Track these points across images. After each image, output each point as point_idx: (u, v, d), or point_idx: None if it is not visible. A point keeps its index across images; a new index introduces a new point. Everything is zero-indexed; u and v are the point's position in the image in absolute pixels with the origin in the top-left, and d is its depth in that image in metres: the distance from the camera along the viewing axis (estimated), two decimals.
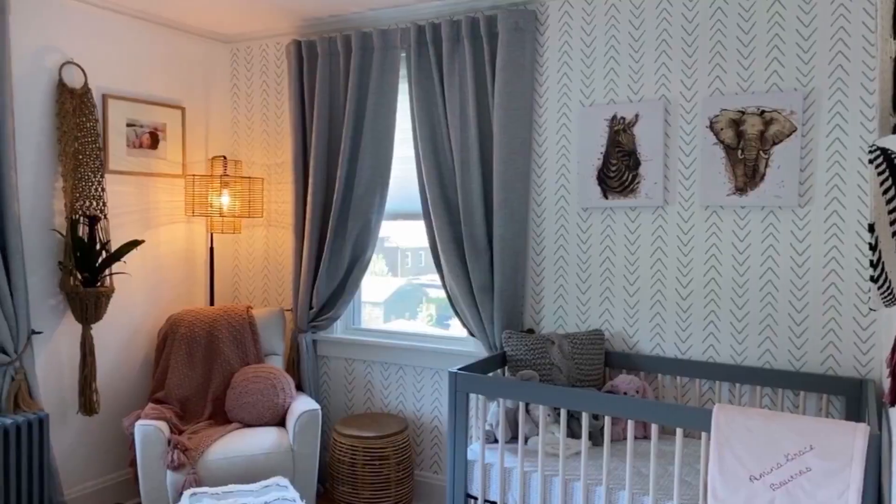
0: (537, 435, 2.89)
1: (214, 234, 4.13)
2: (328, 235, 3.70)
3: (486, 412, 2.94)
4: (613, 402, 2.43)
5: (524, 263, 3.36)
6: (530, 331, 3.33)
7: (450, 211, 3.43)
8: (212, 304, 3.98)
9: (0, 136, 2.93)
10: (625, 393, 2.93)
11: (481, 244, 3.34)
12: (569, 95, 3.25)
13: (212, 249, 3.98)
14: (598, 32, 3.17)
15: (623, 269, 3.16)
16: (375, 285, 4.09)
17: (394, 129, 3.61)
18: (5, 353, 2.97)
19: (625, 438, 2.96)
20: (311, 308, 3.81)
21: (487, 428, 2.97)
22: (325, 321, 3.81)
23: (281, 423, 3.44)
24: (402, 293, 4.09)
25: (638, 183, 3.08)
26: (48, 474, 3.03)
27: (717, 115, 2.90)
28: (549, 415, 2.91)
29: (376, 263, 3.76)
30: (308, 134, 3.80)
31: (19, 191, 3.11)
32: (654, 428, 2.37)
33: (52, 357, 3.32)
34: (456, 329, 3.79)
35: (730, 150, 2.88)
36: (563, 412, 2.58)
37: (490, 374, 3.04)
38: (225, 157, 3.98)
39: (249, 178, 3.88)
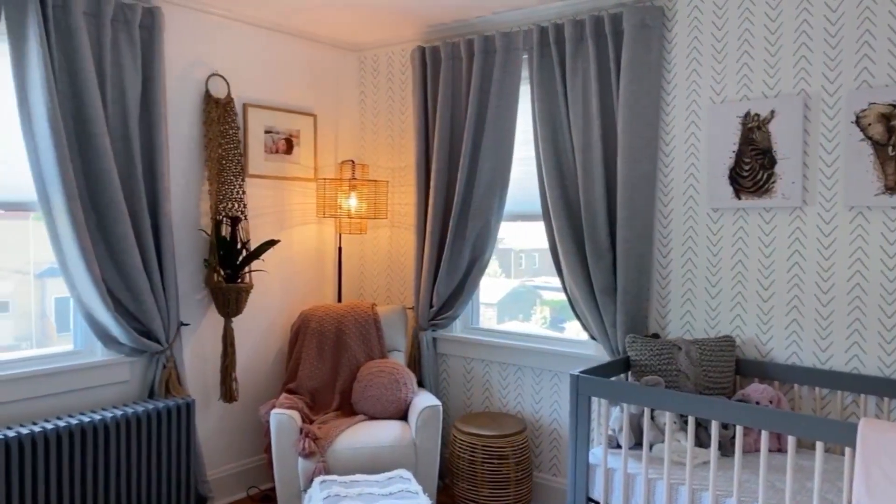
0: (662, 442, 2.81)
1: (342, 235, 4.32)
2: (448, 236, 3.78)
3: (609, 417, 2.89)
4: (747, 412, 2.32)
5: (649, 266, 3.28)
6: (655, 335, 3.24)
7: (571, 212, 3.41)
8: (339, 300, 4.17)
9: (155, 143, 3.22)
10: (757, 403, 2.80)
11: (603, 245, 3.29)
12: (698, 92, 3.14)
13: (340, 249, 4.17)
14: (730, 26, 3.04)
15: (756, 272, 3.01)
16: (489, 286, 4.12)
17: (514, 131, 3.63)
18: (158, 342, 3.25)
19: (756, 450, 2.82)
20: (431, 307, 3.90)
21: (610, 433, 2.92)
22: (444, 320, 3.89)
23: (403, 417, 3.55)
24: (516, 294, 4.10)
25: (773, 182, 2.92)
26: (194, 455, 3.29)
27: (865, 110, 2.70)
28: (674, 422, 2.82)
29: (490, 264, 3.80)
30: (430, 137, 3.89)
31: (171, 194, 3.40)
32: (790, 440, 2.24)
33: (198, 347, 3.60)
34: (572, 332, 3.75)
35: (879, 146, 2.68)
36: (690, 420, 2.50)
37: (613, 379, 2.99)
38: (353, 162, 4.16)
39: (375, 181, 4.02)
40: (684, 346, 2.99)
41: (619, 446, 2.92)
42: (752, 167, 2.97)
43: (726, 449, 2.82)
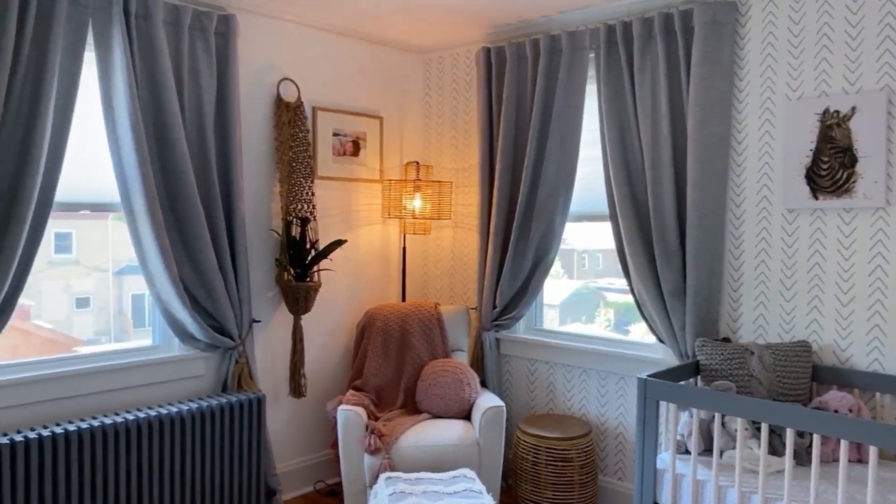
0: (733, 449, 2.74)
1: (407, 235, 4.37)
2: (512, 237, 3.77)
3: (677, 422, 2.83)
4: (826, 420, 2.24)
5: (720, 267, 3.20)
6: (726, 339, 3.16)
7: (638, 212, 3.35)
8: (403, 300, 4.22)
9: (229, 147, 3.33)
10: (836, 411, 2.69)
11: (672, 246, 3.22)
12: (773, 89, 3.04)
13: (404, 249, 4.22)
14: (807, 21, 2.94)
15: (835, 275, 2.89)
16: (551, 287, 4.09)
17: (580, 131, 3.60)
18: (231, 338, 3.36)
19: (834, 460, 2.71)
20: (494, 307, 3.91)
21: (678, 438, 2.86)
22: (507, 321, 3.88)
23: (466, 416, 3.56)
24: (579, 296, 4.06)
25: (854, 182, 2.81)
26: (264, 449, 3.38)
27: None
28: (746, 428, 2.74)
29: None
30: (494, 138, 3.90)
31: (244, 195, 3.51)
32: (872, 451, 2.15)
33: (268, 344, 3.71)
34: (637, 334, 3.69)
35: None
36: (764, 427, 2.42)
37: (682, 383, 2.93)
38: (417, 163, 4.20)
39: (439, 181, 4.05)
40: (757, 351, 2.90)
41: (687, 452, 2.86)
42: (831, 166, 2.86)
43: (802, 458, 2.72)
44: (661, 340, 3.35)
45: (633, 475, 3.57)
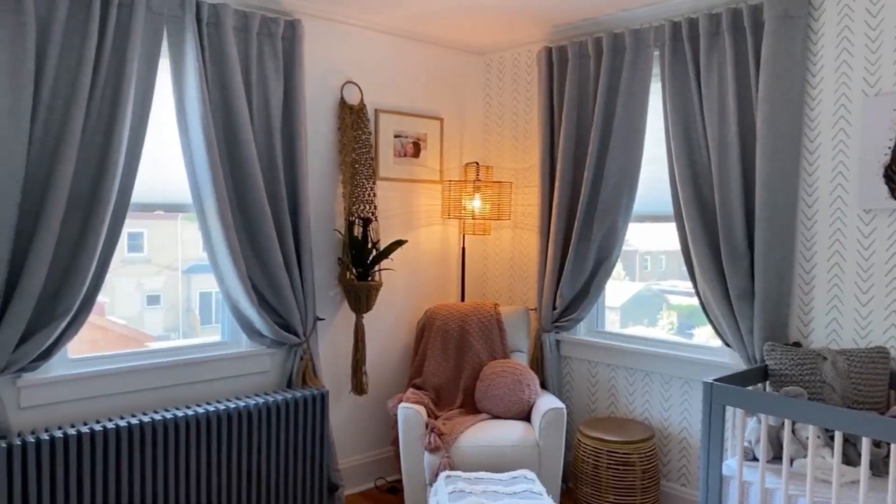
0: (804, 457, 2.65)
1: (466, 236, 4.39)
2: (573, 237, 3.74)
3: (745, 428, 2.76)
4: None
5: (790, 270, 3.09)
6: (797, 344, 3.05)
7: (705, 212, 3.28)
8: (462, 300, 4.24)
9: (295, 149, 3.41)
10: None
11: (740, 248, 3.14)
12: (848, 85, 2.92)
13: (463, 250, 4.24)
14: (886, 12, 2.81)
15: None
16: (612, 289, 4.03)
17: (644, 130, 3.54)
18: (296, 335, 3.44)
19: None
20: (554, 309, 3.88)
21: (746, 444, 2.79)
22: (568, 322, 3.85)
23: (525, 417, 3.55)
24: (640, 298, 3.99)
25: None
26: (327, 444, 3.45)
27: None
28: (818, 436, 2.65)
29: None
30: (556, 138, 3.87)
31: (309, 196, 3.59)
32: None
33: (331, 341, 3.78)
34: (702, 338, 3.60)
35: None
36: (837, 435, 2.33)
37: (750, 388, 2.85)
38: (477, 163, 4.21)
39: (499, 182, 4.06)
40: (830, 357, 2.80)
41: (755, 459, 2.78)
42: None
43: (878, 469, 2.61)
44: (727, 344, 3.27)
45: (697, 481, 3.49)
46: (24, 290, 2.60)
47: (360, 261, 3.65)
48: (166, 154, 3.19)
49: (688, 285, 3.38)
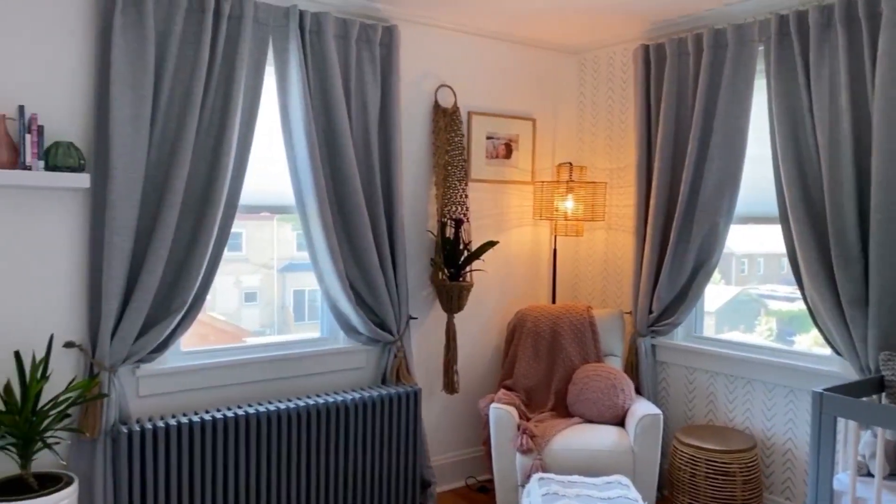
0: None
1: (558, 237, 4.35)
2: (671, 239, 3.65)
3: (858, 441, 2.61)
4: None
5: None
6: None
7: (813, 214, 3.12)
8: (553, 301, 4.21)
9: (391, 152, 3.49)
10: None
11: (853, 251, 2.97)
12: None
13: (555, 251, 4.21)
14: None
15: None
16: (707, 293, 3.88)
17: (747, 128, 3.41)
18: (391, 333, 3.52)
19: None
20: (650, 312, 3.79)
21: (859, 458, 2.64)
22: (665, 326, 3.75)
23: (619, 423, 3.49)
24: (737, 303, 3.83)
25: None
26: (419, 441, 3.51)
27: None
28: None
29: None
30: (653, 137, 3.79)
31: (403, 197, 3.66)
32: None
33: (423, 340, 3.84)
34: (803, 345, 3.43)
35: None
36: None
37: (864, 399, 2.69)
38: (570, 164, 4.17)
39: (593, 182, 4.00)
40: None
41: (869, 474, 2.63)
42: None
43: None
44: (837, 353, 3.10)
45: (803, 495, 3.33)
46: (144, 285, 2.79)
47: (452, 261, 3.69)
48: (271, 158, 3.34)
49: (788, 290, 3.23)
